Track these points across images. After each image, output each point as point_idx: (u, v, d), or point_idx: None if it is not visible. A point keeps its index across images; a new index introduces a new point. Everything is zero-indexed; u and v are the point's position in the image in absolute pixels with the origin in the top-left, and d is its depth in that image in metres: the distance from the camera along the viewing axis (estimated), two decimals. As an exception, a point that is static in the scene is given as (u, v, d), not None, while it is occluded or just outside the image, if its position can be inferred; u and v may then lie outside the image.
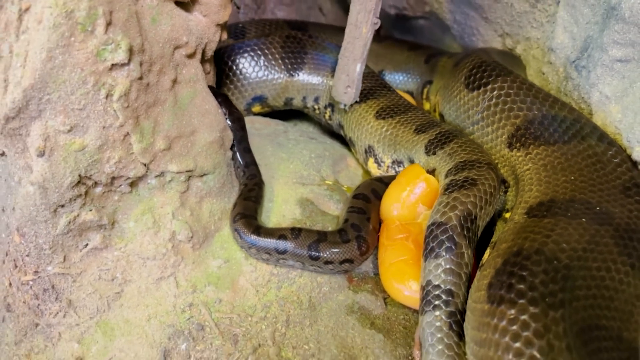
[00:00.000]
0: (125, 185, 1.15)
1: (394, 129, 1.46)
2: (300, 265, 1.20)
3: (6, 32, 0.94)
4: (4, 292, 1.37)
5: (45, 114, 0.99)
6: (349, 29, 1.53)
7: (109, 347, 1.16)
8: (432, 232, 1.05)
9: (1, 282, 1.39)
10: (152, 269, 1.18)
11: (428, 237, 1.06)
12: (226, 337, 1.10)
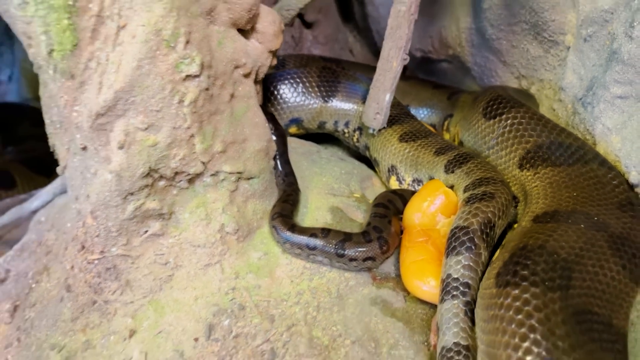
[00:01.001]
0: (184, 181, 1.33)
1: (415, 151, 1.64)
2: (327, 261, 1.35)
3: (105, 44, 1.15)
4: (65, 274, 1.55)
5: (128, 113, 1.19)
6: (381, 63, 1.73)
7: (159, 321, 1.31)
8: (454, 234, 1.21)
9: (63, 267, 1.57)
10: (201, 256, 1.35)
11: (451, 238, 1.21)
12: (264, 316, 1.25)
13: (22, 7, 1.11)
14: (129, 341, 1.32)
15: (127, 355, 1.30)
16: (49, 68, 1.17)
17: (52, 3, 1.09)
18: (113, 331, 1.36)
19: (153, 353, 1.27)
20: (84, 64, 1.15)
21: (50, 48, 1.13)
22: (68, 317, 1.47)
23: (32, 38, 1.14)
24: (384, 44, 1.72)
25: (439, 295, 1.17)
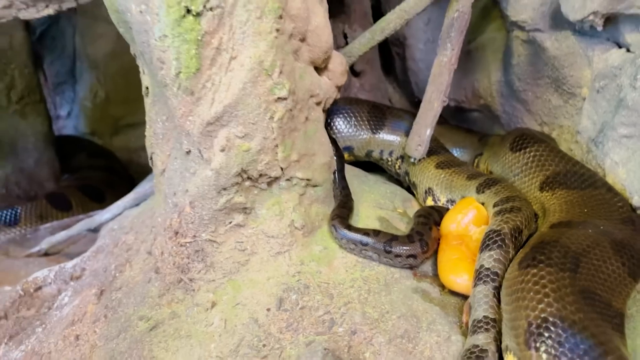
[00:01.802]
0: (264, 183, 1.65)
1: (450, 176, 1.93)
2: (376, 257, 1.63)
3: (220, 69, 1.50)
4: (155, 259, 1.86)
5: (231, 123, 1.53)
6: (424, 103, 2.07)
7: (237, 296, 1.59)
8: (488, 235, 1.48)
9: (154, 253, 1.87)
10: (273, 245, 1.64)
11: (485, 239, 1.49)
12: (324, 294, 1.52)
13: (161, 39, 1.48)
14: (211, 311, 1.60)
15: (208, 322, 1.57)
16: (174, 86, 1.52)
17: (186, 37, 1.45)
18: (196, 303, 1.64)
19: (231, 320, 1.55)
20: (202, 84, 1.50)
21: (178, 70, 1.49)
22: (155, 294, 1.77)
23: (165, 63, 1.50)
24: (427, 88, 2.06)
25: (473, 282, 1.43)
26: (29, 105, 5.21)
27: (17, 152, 5.20)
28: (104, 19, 7.03)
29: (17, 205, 4.68)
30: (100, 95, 6.50)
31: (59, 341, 1.97)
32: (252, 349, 1.45)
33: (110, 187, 5.02)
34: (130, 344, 1.67)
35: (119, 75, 6.38)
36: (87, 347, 1.83)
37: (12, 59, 5.09)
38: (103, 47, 6.39)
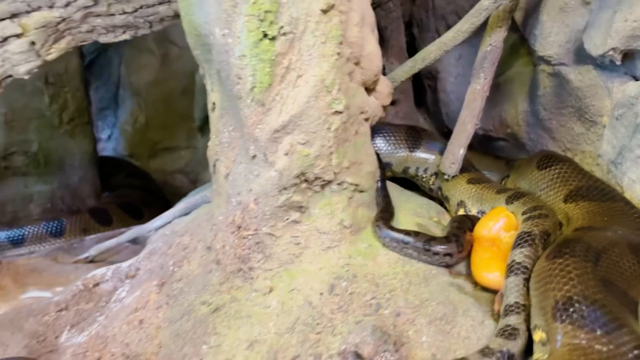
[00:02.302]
0: (318, 186, 1.88)
1: (480, 190, 2.15)
2: (416, 255, 1.83)
3: (288, 85, 1.76)
4: (215, 253, 2.08)
5: (294, 131, 1.78)
6: (457, 126, 2.30)
7: (292, 283, 1.80)
8: (520, 236, 1.69)
9: (214, 247, 2.10)
10: (324, 240, 1.86)
11: (517, 239, 1.69)
12: (371, 282, 1.73)
13: (240, 58, 1.75)
14: (268, 295, 1.81)
15: (266, 305, 1.78)
16: (247, 98, 1.79)
17: (262, 57, 1.72)
18: (255, 289, 1.85)
19: (288, 303, 1.75)
20: (272, 97, 1.76)
21: (253, 85, 1.76)
22: (216, 282, 1.98)
23: (242, 78, 1.77)
24: (461, 112, 2.30)
25: (505, 274, 1.63)
26: (78, 126, 5.59)
27: (64, 169, 5.56)
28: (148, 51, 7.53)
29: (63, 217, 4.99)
30: (140, 120, 6.89)
31: (123, 325, 2.18)
32: (307, 326, 1.65)
33: (147, 206, 5.31)
34: (194, 324, 1.89)
35: (159, 102, 6.78)
36: (151, 328, 2.04)
37: (66, 82, 5.51)
38: (145, 76, 6.83)
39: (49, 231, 4.78)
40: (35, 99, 5.35)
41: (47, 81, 5.40)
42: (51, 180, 5.49)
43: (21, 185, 5.34)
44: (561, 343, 1.24)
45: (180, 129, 6.68)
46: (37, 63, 2.68)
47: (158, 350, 1.93)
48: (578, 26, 2.28)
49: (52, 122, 5.44)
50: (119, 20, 2.60)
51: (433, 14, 3.32)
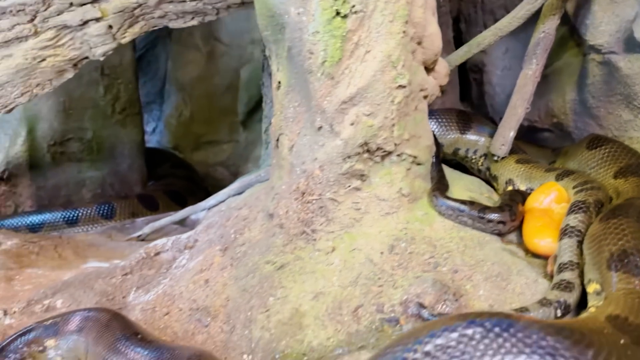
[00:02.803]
0: (379, 157, 2.02)
1: (529, 169, 2.26)
2: (470, 222, 1.95)
3: (356, 60, 1.90)
4: (279, 218, 2.23)
5: (360, 103, 1.92)
6: (509, 109, 2.41)
7: (353, 244, 1.94)
8: (575, 204, 1.80)
9: (277, 214, 2.25)
10: (384, 207, 1.99)
11: (571, 207, 1.80)
12: (428, 244, 1.85)
13: (313, 35, 1.91)
14: (331, 254, 1.95)
15: (329, 262, 1.93)
16: (318, 72, 1.94)
17: (334, 33, 1.88)
18: (318, 249, 2.00)
19: (350, 260, 1.89)
20: (342, 71, 1.92)
21: (324, 60, 1.91)
22: (280, 244, 2.13)
23: (314, 53, 1.93)
24: (513, 96, 2.42)
25: (558, 238, 1.73)
26: (129, 116, 5.88)
27: (114, 156, 5.85)
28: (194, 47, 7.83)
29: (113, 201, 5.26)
30: (184, 114, 7.17)
31: (188, 285, 2.36)
32: (369, 280, 1.79)
33: (191, 195, 5.54)
34: (260, 280, 2.04)
35: (203, 98, 7.05)
36: (218, 286, 2.21)
37: (120, 74, 5.81)
38: (191, 71, 7.11)
39: (101, 213, 5.05)
40: (91, 89, 5.66)
41: (103, 72, 5.71)
42: (102, 167, 5.79)
43: (75, 171, 5.65)
44: (616, 288, 1.35)
45: (223, 123, 6.93)
46: (113, 46, 2.90)
47: (226, 304, 2.09)
48: (628, 16, 2.38)
49: (105, 111, 5.75)
50: (189, 6, 2.80)
51: (481, 8, 3.44)
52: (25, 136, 5.40)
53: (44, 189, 5.51)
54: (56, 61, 2.95)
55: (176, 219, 3.76)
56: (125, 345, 1.89)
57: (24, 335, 2.12)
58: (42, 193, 5.53)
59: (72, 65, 3.01)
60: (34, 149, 5.43)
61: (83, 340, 2.10)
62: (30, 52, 2.90)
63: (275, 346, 1.75)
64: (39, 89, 3.07)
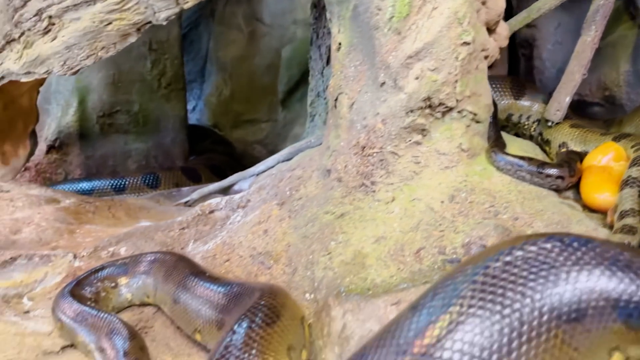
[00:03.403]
0: (440, 113, 2.08)
1: (584, 133, 2.29)
2: (529, 178, 2.01)
3: (423, 16, 1.98)
4: (337, 173, 2.32)
5: (425, 58, 2.00)
6: (565, 75, 2.45)
7: (412, 194, 2.02)
8: (635, 159, 1.83)
9: (335, 169, 2.34)
10: (443, 161, 2.06)
11: (632, 161, 1.84)
12: (488, 195, 1.92)
13: (382, -8, 1.98)
14: (391, 203, 2.03)
15: (389, 211, 2.01)
16: (385, 28, 2.02)
17: (402, -10, 1.95)
18: (377, 200, 2.08)
19: (410, 209, 1.97)
20: (408, 27, 1.99)
21: (392, 15, 1.98)
22: (338, 196, 2.22)
23: (382, 9, 2.01)
24: (570, 63, 2.45)
25: (620, 189, 1.78)
26: (173, 91, 6.06)
27: (159, 130, 6.04)
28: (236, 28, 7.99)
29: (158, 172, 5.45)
30: (224, 93, 7.33)
31: (247, 235, 2.47)
32: (430, 226, 1.87)
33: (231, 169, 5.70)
34: (321, 227, 2.14)
35: (243, 77, 7.19)
36: (277, 234, 2.31)
37: (167, 50, 5.98)
38: (232, 51, 7.25)
39: (146, 183, 5.24)
40: (139, 63, 5.86)
41: (151, 47, 5.89)
42: (147, 139, 6.00)
43: (121, 142, 5.87)
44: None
45: (263, 102, 7.07)
46: (175, 10, 3.02)
47: (287, 249, 2.19)
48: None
49: (152, 85, 5.94)
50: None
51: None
52: (77, 107, 5.63)
53: (92, 158, 5.75)
54: (121, 25, 3.09)
55: (225, 185, 3.90)
56: (194, 282, 2.02)
57: (97, 272, 2.27)
58: (91, 162, 5.77)
59: (136, 29, 3.14)
60: (84, 119, 5.65)
61: (152, 280, 2.24)
62: (98, 15, 3.05)
63: (339, 282, 1.84)
64: (103, 52, 3.22)
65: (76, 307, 1.95)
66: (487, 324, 1.03)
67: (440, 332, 1.03)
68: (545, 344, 1.03)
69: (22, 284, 2.39)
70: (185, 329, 1.99)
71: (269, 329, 1.49)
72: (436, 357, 1.01)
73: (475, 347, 1.01)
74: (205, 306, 1.87)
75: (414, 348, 1.03)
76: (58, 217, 3.32)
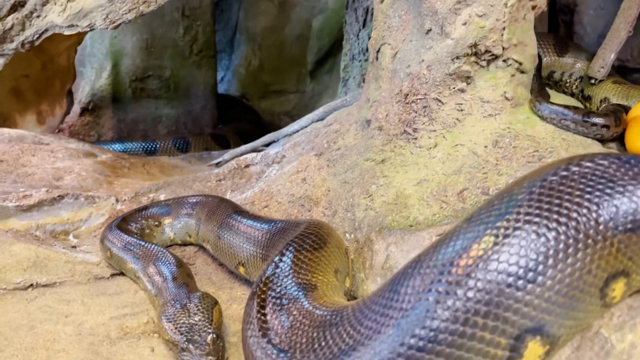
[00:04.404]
0: (485, 61, 2.09)
1: (627, 89, 2.28)
2: (573, 126, 2.00)
3: (473, -38, 1.97)
4: (378, 122, 2.34)
5: (474, 4, 1.99)
6: (611, 32, 2.42)
7: (455, 140, 2.03)
8: None
9: (375, 119, 2.36)
10: (486, 108, 2.07)
11: None
12: (532, 141, 1.92)
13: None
14: (433, 149, 2.05)
15: (432, 156, 2.03)
16: (433, -27, 2.02)
17: None
18: (419, 146, 2.10)
19: (453, 153, 1.99)
20: (458, -29, 1.99)
21: (441, -40, 1.98)
22: (379, 144, 2.25)
23: (431, -46, 2.00)
24: (616, 19, 2.41)
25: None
26: (204, 58, 6.12)
27: (189, 96, 6.12)
28: (267, -3, 7.82)
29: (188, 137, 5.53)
30: (253, 64, 7.37)
31: (286, 183, 2.52)
32: (474, 169, 1.89)
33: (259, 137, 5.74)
34: (361, 173, 2.17)
35: (273, 48, 7.21)
36: (317, 181, 2.35)
37: (199, 17, 6.02)
38: (262, 22, 7.26)
39: (177, 146, 5.33)
40: (172, 29, 5.91)
41: (184, 13, 5.94)
42: (177, 105, 6.08)
43: (152, 107, 5.96)
44: None
45: (291, 73, 7.09)
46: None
47: (327, 194, 2.23)
48: None
49: (183, 52, 6.00)
50: None
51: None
52: (110, 70, 5.72)
53: (124, 122, 5.86)
54: (163, -21, 3.13)
55: (257, 145, 3.94)
56: (236, 220, 2.07)
57: (142, 211, 2.34)
58: (122, 126, 5.88)
59: (178, -16, 3.19)
60: (117, 83, 5.75)
61: (195, 220, 2.31)
62: (146, -33, 3.09)
63: (381, 220, 1.88)
64: (145, 6, 3.27)
65: (124, 238, 2.02)
66: (543, 231, 1.05)
67: (496, 239, 1.06)
68: (601, 252, 1.06)
69: (69, 222, 2.48)
70: (228, 264, 2.05)
71: (317, 252, 1.53)
72: (493, 260, 1.04)
73: (531, 252, 1.04)
74: (249, 240, 1.93)
75: (472, 251, 1.06)
76: (96, 169, 3.41)
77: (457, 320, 1.01)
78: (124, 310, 1.70)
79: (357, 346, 1.08)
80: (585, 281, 1.04)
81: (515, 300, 1.02)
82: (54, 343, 1.50)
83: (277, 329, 1.26)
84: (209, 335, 1.47)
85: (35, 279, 1.83)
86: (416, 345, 1.02)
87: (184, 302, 1.60)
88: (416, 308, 1.04)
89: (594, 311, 1.08)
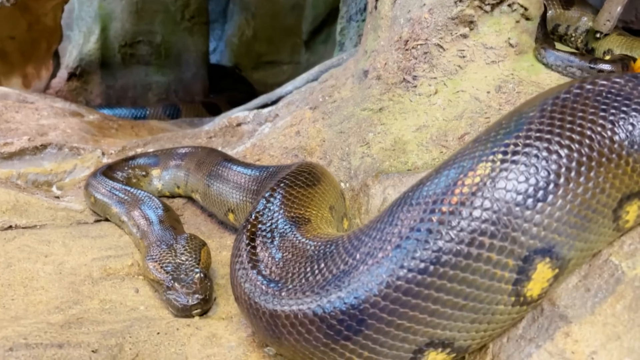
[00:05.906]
0: (489, 6, 1.99)
1: (631, 41, 2.20)
2: (579, 73, 1.92)
3: None
4: (376, 71, 2.25)
5: (479, -58, 1.90)
6: (618, -17, 2.33)
7: (456, 87, 1.95)
8: None
9: (374, 68, 2.27)
10: (490, 55, 1.99)
11: None
12: (535, 87, 1.85)
13: None
14: (433, 96, 1.97)
15: (432, 103, 1.95)
16: None
17: None
18: (419, 93, 2.02)
19: (454, 99, 1.91)
20: None
21: None
22: (376, 94, 2.16)
23: None
24: (623, -28, 2.32)
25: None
26: (196, 25, 5.95)
27: (180, 64, 5.96)
28: (263, -36, 7.61)
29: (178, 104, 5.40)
30: (247, 33, 7.20)
31: (279, 137, 2.43)
32: (476, 114, 1.81)
33: (252, 107, 5.61)
34: (358, 122, 2.09)
35: (267, 17, 7.04)
36: (311, 132, 2.27)
37: (191, -20, 5.83)
38: (257, -9, 7.07)
39: (167, 113, 5.20)
40: (163, -7, 5.72)
41: (176, -24, 5.75)
42: (168, 72, 5.93)
43: (142, 74, 5.81)
44: None
45: (286, 44, 6.94)
46: None
47: (322, 144, 2.15)
48: None
49: (175, 17, 5.83)
50: None
51: None
52: (99, 34, 5.54)
53: (112, 88, 5.70)
54: None
55: (251, 107, 3.83)
56: (226, 167, 1.98)
57: (129, 160, 2.24)
58: (111, 92, 5.73)
59: None
60: (106, 48, 5.58)
61: (184, 172, 2.21)
62: None
63: (378, 166, 1.80)
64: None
65: (109, 183, 1.93)
66: (555, 148, 0.98)
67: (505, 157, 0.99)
68: (616, 171, 0.99)
69: (52, 173, 2.38)
70: (217, 212, 1.97)
71: (310, 189, 1.46)
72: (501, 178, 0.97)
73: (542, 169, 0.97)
74: (239, 186, 1.84)
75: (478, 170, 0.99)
76: (83, 127, 3.29)
77: (462, 241, 0.94)
78: (107, 253, 1.62)
79: (352, 270, 1.00)
80: (598, 201, 0.97)
81: (524, 220, 0.94)
82: (32, 281, 1.41)
83: (267, 261, 1.18)
84: (196, 274, 1.39)
85: (15, 221, 1.74)
86: (417, 267, 0.95)
87: (170, 243, 1.52)
88: (418, 230, 0.97)
89: (606, 234, 1.01)
